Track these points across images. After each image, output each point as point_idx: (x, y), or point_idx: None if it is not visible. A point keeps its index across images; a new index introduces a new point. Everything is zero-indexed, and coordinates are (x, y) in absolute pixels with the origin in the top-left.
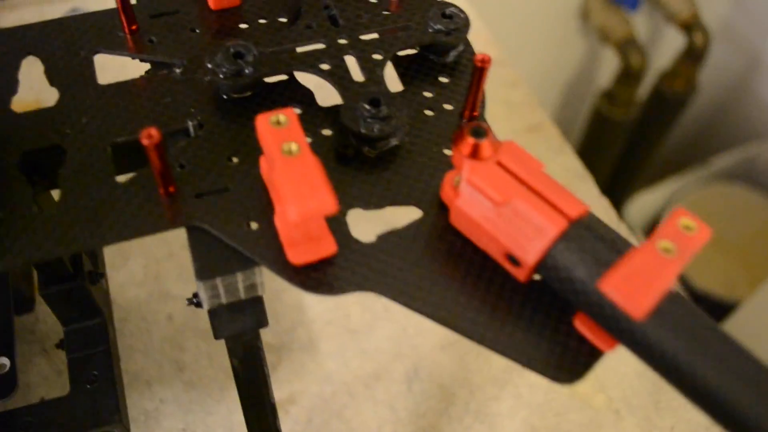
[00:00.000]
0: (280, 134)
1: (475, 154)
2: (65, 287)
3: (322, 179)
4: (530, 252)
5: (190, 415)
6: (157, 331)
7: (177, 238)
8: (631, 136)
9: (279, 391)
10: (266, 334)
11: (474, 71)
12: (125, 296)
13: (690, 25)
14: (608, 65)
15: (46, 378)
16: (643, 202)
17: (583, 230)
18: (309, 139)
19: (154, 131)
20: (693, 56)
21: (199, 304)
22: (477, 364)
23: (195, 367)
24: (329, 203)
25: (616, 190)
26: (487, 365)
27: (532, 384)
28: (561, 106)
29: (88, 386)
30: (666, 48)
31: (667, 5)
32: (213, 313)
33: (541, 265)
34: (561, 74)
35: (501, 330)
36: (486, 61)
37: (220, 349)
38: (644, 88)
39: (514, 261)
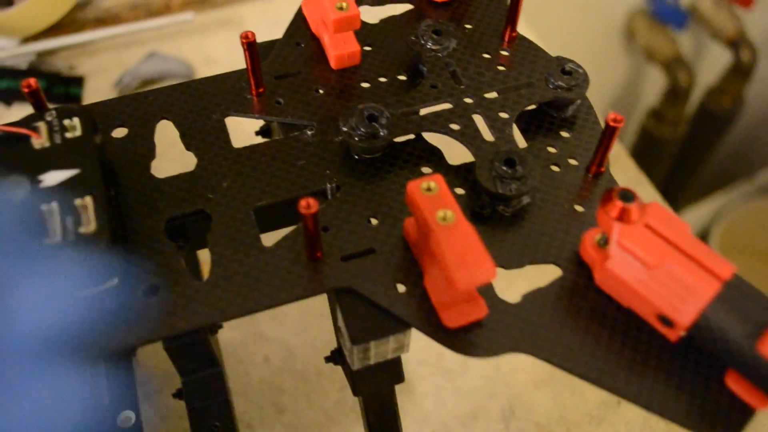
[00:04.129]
0: (432, 201)
1: (623, 217)
2: (188, 340)
3: (483, 248)
4: (684, 314)
5: None
6: (255, 373)
7: None
8: (679, 153)
9: None
10: None
11: (606, 129)
12: (221, 339)
13: (736, 42)
14: (654, 83)
15: (151, 424)
16: (690, 218)
17: (735, 290)
18: None
19: (312, 201)
20: (740, 73)
21: (339, 362)
22: (572, 401)
23: (294, 409)
24: (492, 272)
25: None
26: (582, 402)
27: (629, 421)
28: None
29: None
30: (712, 65)
31: (712, 23)
32: (356, 372)
33: (694, 327)
34: (607, 93)
35: (654, 389)
36: (619, 121)
37: (318, 390)
38: (691, 105)
39: (665, 321)
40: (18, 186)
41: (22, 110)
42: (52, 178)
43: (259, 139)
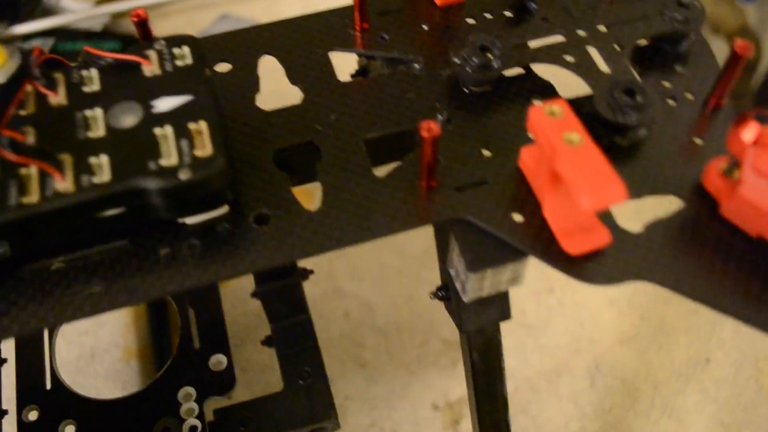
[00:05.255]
0: (558, 125)
1: (760, 140)
2: (281, 284)
3: (611, 168)
4: None
5: (375, 411)
6: (335, 328)
7: None
8: None
9: (462, 388)
10: (446, 332)
11: (731, 59)
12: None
13: None
14: (719, 56)
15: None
16: None
17: None
18: None
19: (433, 124)
20: None
21: (444, 297)
22: (659, 359)
23: (376, 364)
24: (623, 192)
25: None
26: (669, 360)
27: (718, 379)
28: None
29: (301, 382)
30: None
31: None
32: (464, 307)
33: None
34: None
35: None
36: (747, 48)
37: (398, 345)
38: (758, 78)
39: None
40: (132, 111)
41: None
42: (165, 103)
43: None
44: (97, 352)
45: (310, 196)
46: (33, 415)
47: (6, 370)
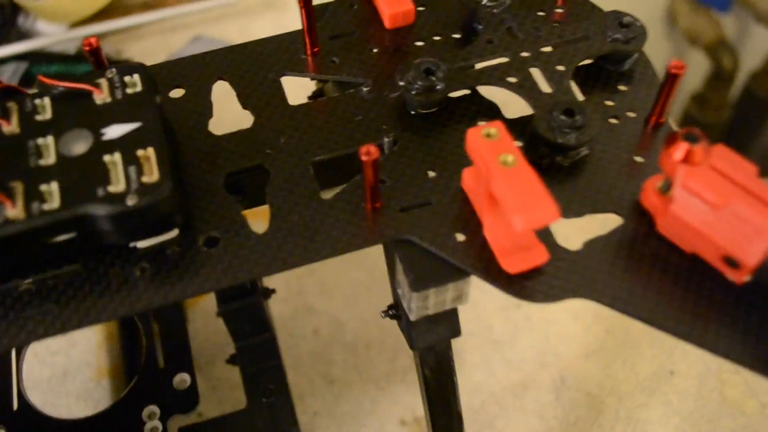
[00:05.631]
0: (494, 146)
1: (689, 159)
2: (243, 303)
3: (544, 189)
4: (751, 254)
5: (344, 427)
6: (305, 345)
7: None
8: (723, 138)
9: None
10: None
11: (667, 78)
12: (271, 312)
13: None
14: (697, 67)
15: (203, 394)
16: None
17: None
18: None
19: (372, 148)
20: None
21: (395, 316)
22: (623, 372)
23: (345, 380)
24: (554, 212)
25: None
26: (634, 373)
27: (681, 391)
28: None
29: (265, 399)
30: (757, 48)
31: (756, 5)
32: (413, 325)
33: (761, 267)
34: None
35: (718, 332)
36: (680, 68)
37: (367, 362)
38: (735, 89)
39: (731, 263)
40: (82, 138)
41: None
42: (115, 131)
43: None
44: (69, 371)
45: (265, 216)
46: None
47: None
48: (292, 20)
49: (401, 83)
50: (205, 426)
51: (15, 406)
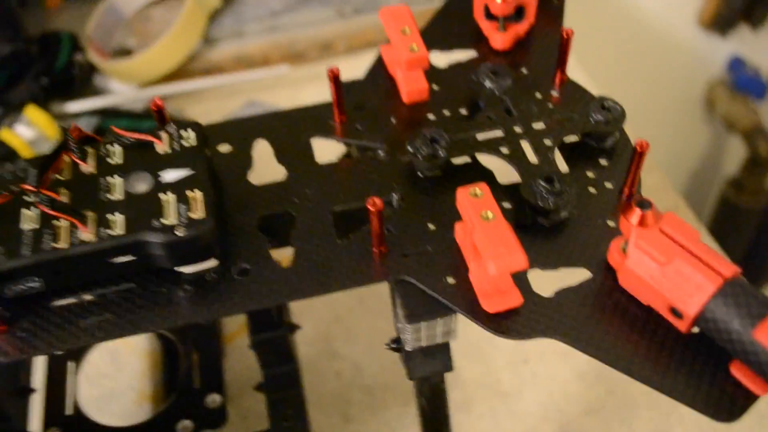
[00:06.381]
0: (477, 204)
1: (641, 222)
2: (272, 335)
3: (515, 241)
4: (691, 305)
5: None
6: (326, 385)
7: (343, 304)
8: (760, 223)
9: None
10: None
11: (633, 155)
12: (299, 353)
13: None
14: (735, 153)
15: (232, 422)
16: None
17: (737, 287)
18: None
19: (377, 200)
20: None
21: (397, 349)
22: (621, 430)
23: (361, 419)
24: (522, 260)
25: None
26: (631, 431)
27: None
28: (687, 194)
29: (285, 423)
30: None
31: None
32: (409, 356)
33: (700, 317)
34: (687, 162)
35: (665, 374)
36: (644, 147)
37: (382, 403)
38: None
39: (676, 314)
40: (144, 180)
41: None
42: (171, 175)
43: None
44: (115, 393)
45: (288, 257)
46: None
47: (34, 399)
48: None
49: (410, 149)
50: None
51: (69, 411)
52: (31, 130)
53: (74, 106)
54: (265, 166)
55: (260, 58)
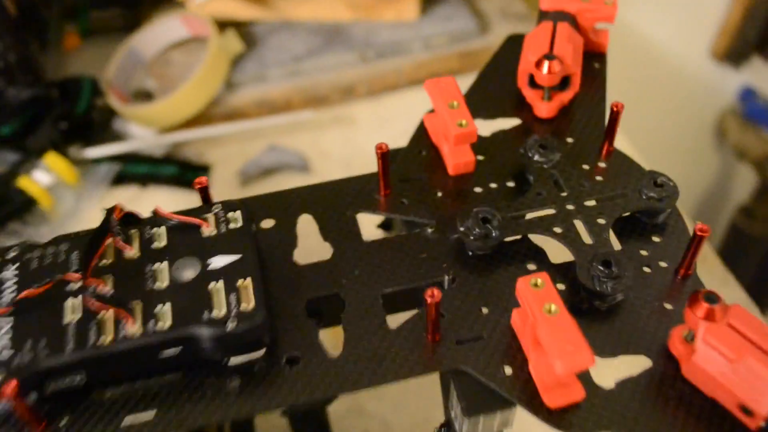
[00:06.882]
0: (539, 295)
1: (709, 316)
2: (308, 407)
3: (582, 339)
4: (763, 404)
5: None
6: None
7: None
8: None
9: None
10: None
11: (693, 238)
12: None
13: None
14: (745, 180)
15: None
16: None
17: None
18: None
19: (436, 291)
20: None
21: None
22: None
23: None
24: (590, 360)
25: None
26: None
27: None
28: (698, 221)
29: None
30: None
31: None
32: None
33: None
34: (698, 190)
35: None
36: (705, 231)
37: None
38: None
39: (746, 411)
40: (192, 266)
41: (155, 192)
42: (219, 261)
43: (381, 232)
44: None
45: (338, 335)
46: None
47: None
48: (357, 134)
49: (462, 229)
50: None
51: None
52: (50, 177)
53: (94, 152)
54: (311, 244)
55: (282, 102)
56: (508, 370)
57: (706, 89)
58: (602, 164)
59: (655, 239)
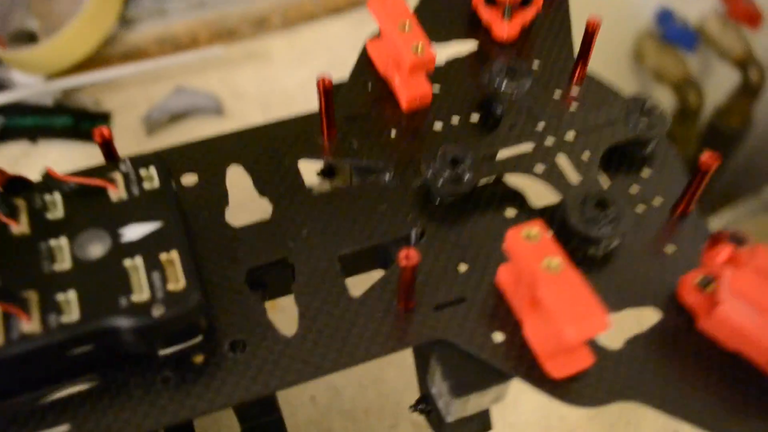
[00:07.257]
0: (536, 249)
1: (734, 261)
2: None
3: (594, 298)
4: None
5: None
6: (302, 413)
7: None
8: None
9: None
10: (416, 415)
11: (698, 173)
12: None
13: (744, 62)
14: (664, 104)
15: None
16: None
17: None
18: None
19: (412, 252)
20: (748, 92)
21: (425, 411)
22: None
23: None
24: (606, 322)
25: None
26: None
27: None
28: None
29: None
30: (721, 85)
31: (719, 43)
32: (446, 425)
33: None
34: None
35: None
36: (712, 164)
37: (367, 429)
38: (701, 125)
39: None
40: (99, 240)
41: (47, 147)
42: (134, 231)
43: (320, 180)
44: None
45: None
46: None
47: None
48: (274, 71)
49: (428, 173)
50: None
51: None
52: None
53: None
54: (244, 200)
55: (187, 39)
56: (498, 337)
57: (623, 11)
58: (575, 91)
59: (646, 172)
